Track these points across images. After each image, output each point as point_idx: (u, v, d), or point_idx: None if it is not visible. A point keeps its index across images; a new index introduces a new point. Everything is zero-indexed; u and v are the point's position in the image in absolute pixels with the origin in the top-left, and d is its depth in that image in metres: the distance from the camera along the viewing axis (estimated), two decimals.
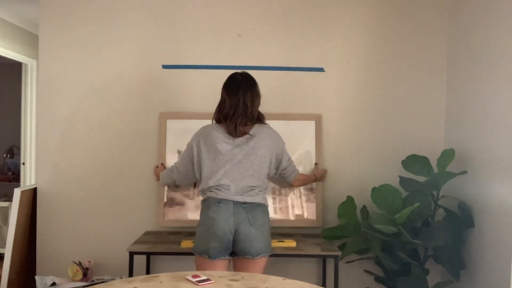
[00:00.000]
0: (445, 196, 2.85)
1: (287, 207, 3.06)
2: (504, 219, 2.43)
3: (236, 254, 2.41)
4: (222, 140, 2.45)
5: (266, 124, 2.58)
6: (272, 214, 3.04)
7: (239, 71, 2.59)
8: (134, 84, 3.12)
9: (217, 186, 2.43)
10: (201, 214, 2.46)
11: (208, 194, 2.44)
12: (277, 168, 2.61)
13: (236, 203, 2.39)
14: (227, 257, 2.40)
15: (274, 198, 3.05)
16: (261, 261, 2.41)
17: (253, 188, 2.44)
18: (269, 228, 2.47)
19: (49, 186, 3.10)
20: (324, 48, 3.15)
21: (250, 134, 2.45)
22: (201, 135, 2.52)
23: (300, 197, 3.07)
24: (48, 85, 3.11)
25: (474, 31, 2.82)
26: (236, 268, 2.46)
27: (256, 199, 2.43)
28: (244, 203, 2.40)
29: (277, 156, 2.56)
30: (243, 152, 2.44)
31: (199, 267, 2.43)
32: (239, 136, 2.45)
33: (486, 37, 2.68)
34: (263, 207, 2.46)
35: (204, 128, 2.54)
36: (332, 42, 3.15)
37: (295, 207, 3.06)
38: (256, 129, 2.49)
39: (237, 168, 2.44)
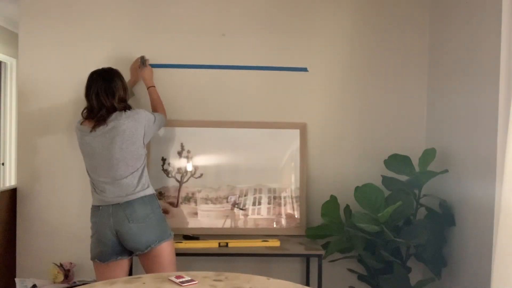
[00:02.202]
0: (427, 195, 2.88)
1: (271, 208, 3.06)
2: (484, 217, 2.46)
3: (131, 251, 2.42)
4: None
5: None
6: (255, 216, 3.05)
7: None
8: None
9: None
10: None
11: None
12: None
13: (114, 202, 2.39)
14: (119, 258, 2.40)
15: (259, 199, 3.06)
16: (160, 250, 2.38)
17: (129, 180, 2.40)
18: (157, 215, 2.42)
19: (30, 187, 3.05)
20: (307, 49, 3.16)
21: (112, 119, 2.41)
22: None
23: (284, 197, 3.08)
24: (28, 84, 3.06)
25: (455, 32, 2.86)
26: (142, 264, 2.45)
27: (136, 193, 2.39)
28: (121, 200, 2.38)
29: (146, 127, 2.50)
30: (102, 145, 2.41)
31: (95, 271, 2.46)
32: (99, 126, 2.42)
33: (467, 38, 2.72)
34: (142, 198, 2.40)
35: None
36: (316, 43, 3.16)
37: (281, 206, 3.07)
38: (117, 115, 2.43)
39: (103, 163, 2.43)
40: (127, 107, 2.49)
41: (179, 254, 2.72)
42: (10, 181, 5.13)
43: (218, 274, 1.94)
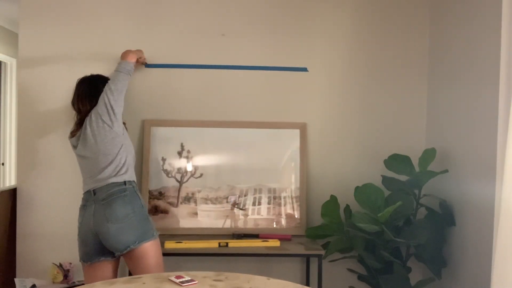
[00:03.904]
0: (427, 195, 2.88)
1: (271, 208, 3.06)
2: (484, 217, 2.46)
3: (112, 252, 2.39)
4: None
5: None
6: (255, 216, 3.05)
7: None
8: None
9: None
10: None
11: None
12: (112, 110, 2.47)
13: (96, 201, 2.38)
14: (102, 259, 2.39)
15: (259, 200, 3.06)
16: (142, 250, 2.33)
17: (107, 172, 2.40)
18: (138, 215, 2.37)
19: (29, 187, 3.05)
20: (307, 49, 3.16)
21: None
22: None
23: (284, 197, 3.07)
24: (28, 84, 3.06)
25: (455, 32, 2.86)
26: (127, 265, 2.44)
27: (115, 189, 2.37)
28: (103, 199, 2.36)
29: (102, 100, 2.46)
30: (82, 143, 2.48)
31: (83, 271, 2.49)
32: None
33: (467, 38, 2.72)
34: (123, 197, 2.36)
35: None
36: (316, 43, 3.16)
37: (281, 206, 3.07)
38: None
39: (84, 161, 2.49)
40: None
41: (179, 254, 2.72)
42: (10, 181, 5.14)
43: (218, 274, 1.94)
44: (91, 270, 2.42)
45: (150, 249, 2.36)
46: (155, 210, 3.00)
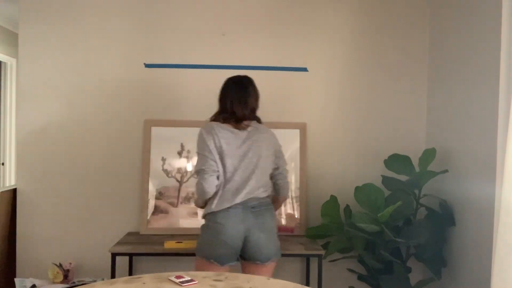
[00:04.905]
0: (427, 195, 2.88)
1: None
2: (484, 217, 2.46)
3: (245, 259, 2.33)
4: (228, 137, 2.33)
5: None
6: None
7: (241, 75, 2.53)
8: (117, 84, 3.09)
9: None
10: (207, 217, 2.34)
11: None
12: (274, 168, 2.47)
13: (245, 207, 2.29)
14: (235, 262, 2.33)
15: None
16: (271, 266, 2.35)
17: (261, 187, 2.34)
18: (277, 231, 2.40)
19: (30, 187, 3.05)
20: (307, 49, 3.16)
21: (254, 126, 2.38)
22: (212, 130, 2.33)
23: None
24: (28, 84, 3.06)
25: (455, 33, 2.86)
26: (244, 272, 2.36)
27: (265, 201, 2.35)
28: (253, 207, 2.30)
29: (277, 152, 2.47)
30: (247, 148, 2.33)
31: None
32: (243, 130, 2.35)
33: (467, 38, 2.72)
34: (271, 209, 2.37)
35: (211, 124, 2.38)
36: (316, 43, 3.17)
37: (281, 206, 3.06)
38: (256, 125, 2.42)
39: (244, 165, 2.32)
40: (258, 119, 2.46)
41: (179, 254, 2.72)
42: (10, 181, 5.14)
43: (218, 274, 1.94)
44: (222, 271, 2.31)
45: (273, 267, 2.37)
46: (155, 210, 3.00)
